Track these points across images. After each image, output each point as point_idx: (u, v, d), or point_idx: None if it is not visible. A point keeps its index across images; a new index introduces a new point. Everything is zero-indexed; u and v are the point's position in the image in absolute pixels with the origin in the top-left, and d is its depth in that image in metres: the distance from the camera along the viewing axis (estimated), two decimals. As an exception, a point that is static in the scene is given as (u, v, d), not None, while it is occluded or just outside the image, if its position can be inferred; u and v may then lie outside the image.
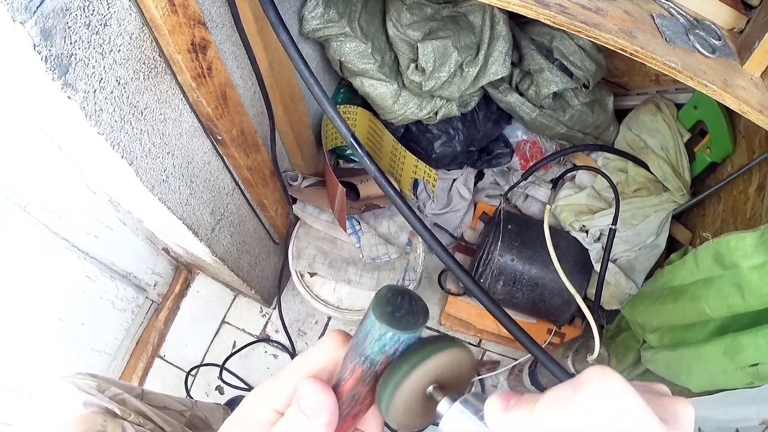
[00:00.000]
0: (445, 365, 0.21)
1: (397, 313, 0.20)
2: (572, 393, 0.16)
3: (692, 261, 0.70)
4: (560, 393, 0.17)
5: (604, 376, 0.16)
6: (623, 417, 0.16)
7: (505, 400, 0.18)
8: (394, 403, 0.20)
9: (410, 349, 0.21)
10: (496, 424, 0.18)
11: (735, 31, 0.56)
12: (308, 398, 0.21)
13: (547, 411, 0.17)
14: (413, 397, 0.21)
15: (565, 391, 0.17)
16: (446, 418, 0.20)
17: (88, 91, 0.44)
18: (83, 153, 0.58)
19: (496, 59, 0.85)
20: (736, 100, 0.50)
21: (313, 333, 1.14)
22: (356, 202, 0.96)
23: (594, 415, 0.16)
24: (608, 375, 0.16)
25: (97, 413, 0.53)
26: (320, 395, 0.21)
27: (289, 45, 0.45)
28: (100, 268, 0.89)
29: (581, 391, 0.16)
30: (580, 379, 0.16)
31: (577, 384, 0.16)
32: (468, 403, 0.20)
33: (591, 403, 0.16)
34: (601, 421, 0.16)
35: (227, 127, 0.63)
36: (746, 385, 0.63)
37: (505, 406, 0.18)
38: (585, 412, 0.16)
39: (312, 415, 0.21)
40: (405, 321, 0.20)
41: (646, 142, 0.99)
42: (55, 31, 0.38)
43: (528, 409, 0.17)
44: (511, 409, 0.18)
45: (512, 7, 0.43)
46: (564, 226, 0.99)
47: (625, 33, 0.47)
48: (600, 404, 0.16)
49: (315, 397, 0.21)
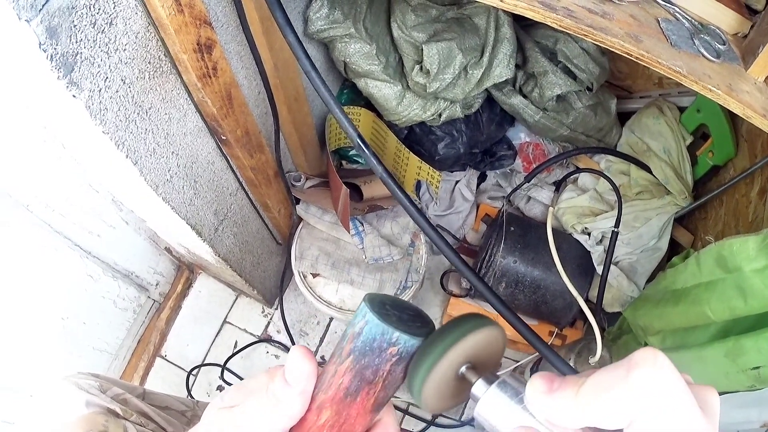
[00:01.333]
0: (480, 344, 0.20)
1: (404, 320, 0.20)
2: (624, 374, 0.16)
3: (694, 264, 0.70)
4: (611, 373, 0.16)
5: (657, 359, 0.16)
6: (673, 402, 0.15)
7: (549, 382, 0.17)
8: (428, 385, 0.19)
9: (444, 329, 0.20)
10: (539, 407, 0.18)
11: (739, 35, 0.56)
12: (291, 361, 0.20)
13: (596, 392, 0.16)
14: (446, 379, 0.20)
15: (617, 371, 0.16)
16: (483, 401, 0.19)
17: (93, 90, 0.44)
18: (87, 152, 0.58)
19: (501, 61, 0.85)
20: (741, 105, 0.50)
21: (315, 333, 1.14)
22: (359, 203, 0.96)
23: (646, 397, 0.15)
24: (661, 359, 0.16)
25: (98, 413, 0.53)
26: (301, 359, 0.20)
27: (296, 46, 0.45)
28: (102, 268, 0.89)
29: (635, 372, 0.16)
30: (633, 359, 0.16)
31: (630, 365, 0.16)
32: (506, 386, 0.19)
33: (643, 385, 0.15)
34: (652, 404, 0.15)
35: (232, 127, 0.63)
36: (748, 388, 0.63)
37: (549, 388, 0.17)
38: (637, 394, 0.15)
39: (291, 380, 0.20)
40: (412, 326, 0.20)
41: (648, 145, 0.99)
42: (60, 29, 0.38)
43: (573, 391, 0.17)
44: (555, 391, 0.17)
45: (519, 10, 0.44)
46: (566, 228, 0.99)
47: (631, 37, 0.47)
48: (652, 387, 0.15)
49: (295, 360, 0.20)
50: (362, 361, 0.20)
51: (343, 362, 0.21)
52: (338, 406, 0.21)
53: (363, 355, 0.20)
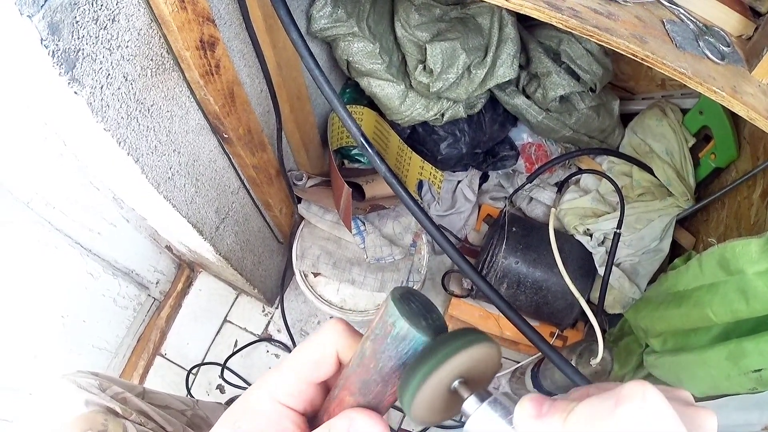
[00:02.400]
0: (474, 360, 0.20)
1: (424, 319, 0.20)
2: (612, 407, 0.16)
3: (697, 266, 0.70)
4: (598, 405, 0.16)
5: (647, 393, 0.16)
6: None
7: (538, 406, 0.17)
8: (419, 398, 0.19)
9: (439, 342, 0.20)
10: (526, 430, 0.18)
11: (743, 37, 0.56)
12: None
13: (583, 422, 0.16)
14: (438, 393, 0.20)
15: (604, 404, 0.16)
16: (474, 418, 0.19)
17: (95, 87, 0.44)
18: (89, 149, 0.57)
19: (504, 62, 0.85)
20: (745, 107, 0.50)
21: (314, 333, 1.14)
22: (361, 202, 0.96)
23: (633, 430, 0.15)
24: (650, 393, 0.16)
25: (98, 412, 0.53)
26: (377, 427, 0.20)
27: (300, 44, 0.45)
28: (103, 266, 0.88)
29: (622, 407, 0.16)
30: (621, 393, 0.16)
31: (619, 398, 0.16)
32: (497, 404, 0.19)
33: (631, 421, 0.15)
34: None
35: (234, 125, 0.63)
36: (749, 390, 0.63)
37: (538, 413, 0.17)
38: (623, 429, 0.15)
39: None
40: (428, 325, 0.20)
41: (651, 147, 0.99)
42: (62, 25, 0.38)
43: (561, 418, 0.17)
44: (543, 416, 0.17)
45: (525, 10, 0.43)
46: (568, 229, 0.99)
47: (636, 38, 0.47)
48: (640, 422, 0.15)
49: None
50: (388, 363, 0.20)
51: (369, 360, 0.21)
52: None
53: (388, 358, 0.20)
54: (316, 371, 0.23)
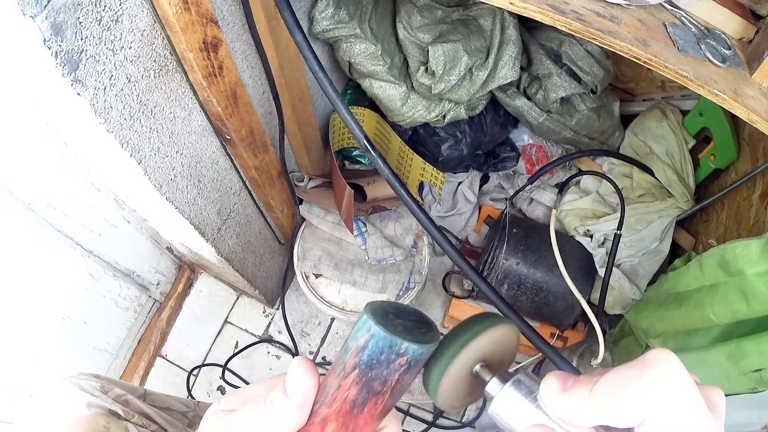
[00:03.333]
0: (494, 343, 0.20)
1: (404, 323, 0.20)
2: (638, 373, 0.16)
3: (697, 267, 0.70)
4: (624, 372, 0.16)
5: (670, 360, 0.16)
6: (684, 402, 0.16)
7: (563, 381, 0.18)
8: (443, 384, 0.19)
9: (458, 328, 0.20)
10: (553, 406, 0.18)
11: (744, 40, 0.56)
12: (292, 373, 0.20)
13: (609, 391, 0.16)
14: (461, 377, 0.20)
15: (630, 371, 0.16)
16: (498, 399, 0.19)
17: (98, 88, 0.44)
18: (91, 150, 0.57)
19: (506, 63, 0.85)
20: (746, 110, 0.50)
21: (316, 334, 1.14)
22: (363, 203, 0.96)
23: (658, 396, 0.16)
24: (673, 359, 0.16)
25: (100, 415, 0.52)
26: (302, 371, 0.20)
27: (304, 45, 0.45)
28: (104, 267, 0.88)
29: (648, 372, 0.16)
30: (645, 360, 0.16)
31: (644, 364, 0.16)
32: (520, 384, 0.19)
33: (656, 385, 0.16)
34: (664, 404, 0.16)
35: (236, 126, 0.63)
36: (749, 390, 0.63)
37: (563, 387, 0.17)
38: (649, 393, 0.16)
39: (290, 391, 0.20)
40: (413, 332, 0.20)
41: (651, 148, 1.00)
42: (66, 26, 0.38)
43: (587, 390, 0.17)
44: (569, 390, 0.17)
45: (528, 12, 0.43)
46: (569, 230, 0.99)
47: (638, 41, 0.47)
48: (664, 387, 0.16)
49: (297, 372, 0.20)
50: (369, 374, 0.20)
51: (348, 376, 0.20)
52: (345, 418, 0.21)
53: (370, 368, 0.20)
54: None
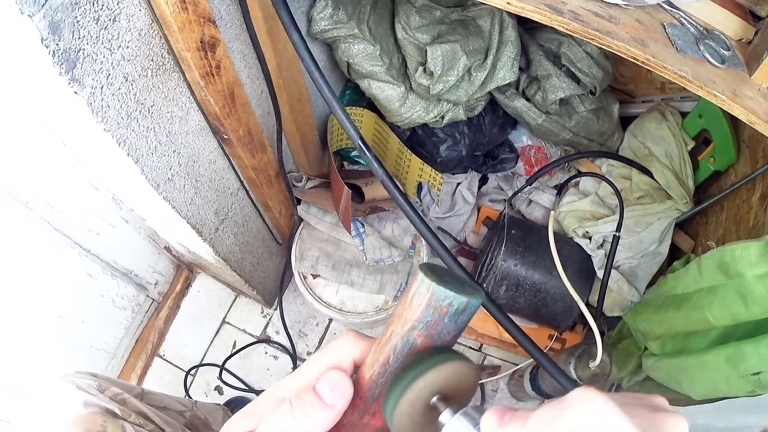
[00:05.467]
0: (448, 377, 0.21)
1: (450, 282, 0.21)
2: (560, 411, 0.18)
3: (696, 269, 0.70)
4: (550, 411, 0.18)
5: (587, 395, 0.18)
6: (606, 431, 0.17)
7: (500, 416, 0.19)
8: (398, 411, 0.21)
9: (414, 360, 0.22)
10: None
11: (743, 41, 0.56)
12: (330, 383, 0.21)
13: (537, 427, 0.18)
14: (417, 407, 0.21)
15: (555, 409, 0.18)
16: (446, 429, 0.21)
17: (96, 87, 0.44)
18: (88, 149, 0.57)
19: (504, 64, 0.85)
20: (745, 111, 0.50)
21: (314, 335, 1.14)
22: (361, 204, 0.96)
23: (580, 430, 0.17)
24: (591, 394, 0.18)
25: (97, 413, 0.52)
26: (343, 383, 0.21)
27: (301, 46, 0.45)
28: (102, 266, 0.88)
29: (568, 410, 0.18)
30: (566, 398, 0.18)
31: (564, 403, 0.18)
32: (467, 415, 0.21)
33: (576, 420, 0.17)
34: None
35: (234, 126, 0.63)
36: (748, 393, 0.63)
37: (500, 421, 0.19)
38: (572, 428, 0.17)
39: (330, 401, 0.21)
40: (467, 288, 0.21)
41: (650, 150, 0.99)
42: (63, 25, 0.38)
43: (520, 425, 0.19)
44: (504, 425, 0.19)
45: (526, 12, 0.43)
46: (567, 232, 0.99)
47: (637, 41, 0.47)
48: (585, 421, 0.17)
49: (337, 384, 0.21)
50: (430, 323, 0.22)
51: None
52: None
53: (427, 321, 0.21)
54: None
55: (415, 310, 0.21)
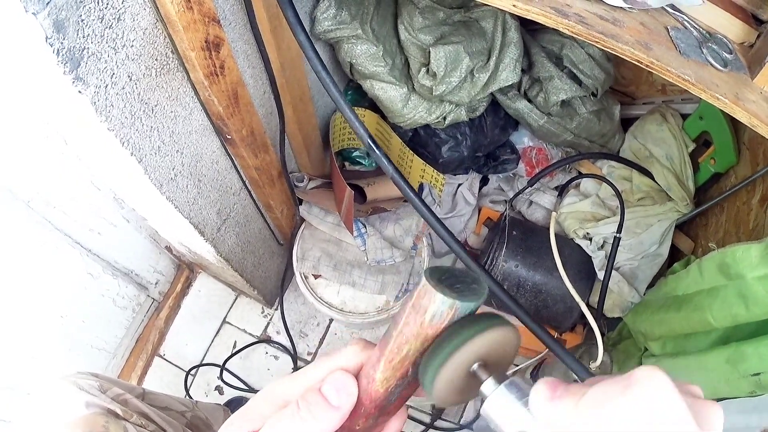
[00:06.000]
0: (493, 343, 0.20)
1: (456, 284, 0.20)
2: (623, 389, 0.16)
3: (696, 271, 0.70)
4: (610, 387, 0.17)
5: (655, 376, 0.16)
6: (669, 419, 0.16)
7: (552, 389, 0.18)
8: (440, 377, 0.20)
9: (459, 325, 0.20)
10: (541, 412, 0.18)
11: (746, 44, 0.56)
12: (336, 384, 0.21)
13: (595, 404, 0.17)
14: (458, 374, 0.20)
15: (616, 386, 0.17)
16: (491, 399, 0.20)
17: (100, 86, 0.43)
18: (91, 149, 0.57)
19: (507, 66, 0.85)
20: (747, 114, 0.50)
21: (315, 335, 1.14)
22: (362, 204, 0.96)
23: (642, 412, 0.16)
24: (660, 376, 0.16)
25: (99, 414, 0.52)
26: (349, 384, 0.21)
27: (307, 45, 0.45)
28: (102, 266, 0.88)
29: (633, 388, 0.16)
30: (632, 376, 0.17)
31: (630, 381, 0.17)
32: (514, 386, 0.20)
33: (641, 401, 0.16)
34: (648, 420, 0.16)
35: (237, 126, 0.63)
36: (748, 394, 0.63)
37: (552, 395, 0.18)
38: (633, 409, 0.16)
39: (336, 402, 0.21)
40: (465, 291, 0.20)
41: (651, 152, 1.00)
42: (68, 23, 0.38)
43: (574, 401, 0.17)
44: (557, 398, 0.18)
45: (532, 15, 0.43)
46: (568, 233, 0.99)
47: (641, 44, 0.47)
48: (649, 403, 0.16)
49: (342, 385, 0.21)
50: None
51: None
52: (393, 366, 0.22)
53: None
54: None
55: (436, 329, 0.20)
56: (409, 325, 0.21)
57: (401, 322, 0.21)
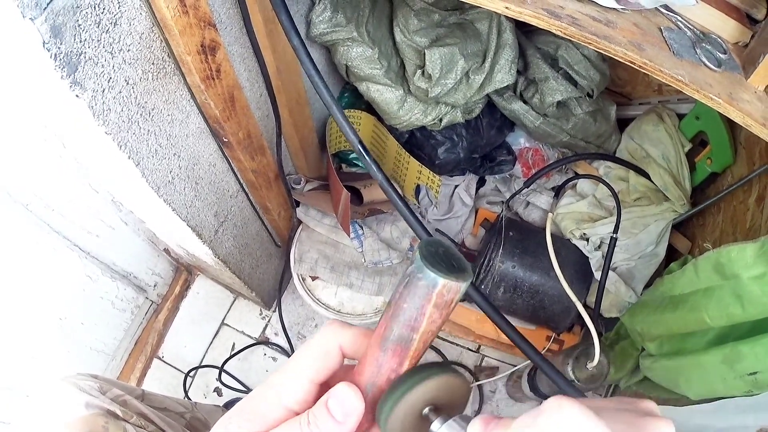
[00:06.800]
0: (440, 389, 0.22)
1: (448, 263, 0.22)
2: (534, 418, 0.19)
3: (692, 271, 0.70)
4: (526, 418, 0.19)
5: (559, 403, 0.19)
6: None
7: (485, 424, 0.21)
8: (391, 421, 0.22)
9: (408, 373, 0.22)
10: None
11: (740, 44, 0.57)
12: (341, 400, 0.22)
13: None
14: (410, 417, 0.22)
15: (530, 416, 0.19)
16: None
17: (97, 91, 0.44)
18: (89, 152, 0.58)
19: (502, 67, 0.86)
20: (741, 114, 0.51)
21: (313, 336, 1.14)
22: (359, 206, 0.96)
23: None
24: (563, 402, 0.18)
25: (98, 415, 0.53)
26: (354, 399, 0.22)
27: (301, 50, 0.45)
28: (101, 268, 0.88)
29: (541, 416, 0.19)
30: (541, 406, 0.19)
31: (538, 410, 0.19)
32: (456, 424, 0.22)
33: (548, 427, 0.18)
34: None
35: (234, 129, 0.63)
36: (745, 393, 0.64)
37: (485, 429, 0.20)
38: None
39: (341, 418, 0.22)
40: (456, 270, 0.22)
41: (647, 152, 1.00)
42: (65, 28, 0.38)
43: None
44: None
45: (524, 17, 0.44)
46: (565, 233, 0.99)
47: (634, 45, 0.47)
48: (556, 428, 0.18)
49: (348, 400, 0.22)
50: (401, 302, 0.22)
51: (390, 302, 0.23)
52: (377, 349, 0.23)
53: (403, 297, 0.22)
54: (321, 369, 0.24)
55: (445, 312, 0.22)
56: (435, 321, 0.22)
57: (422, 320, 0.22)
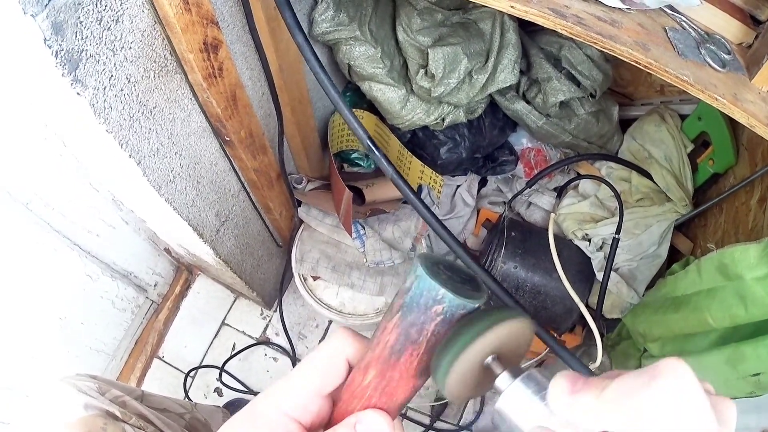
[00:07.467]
0: (508, 336, 0.20)
1: (456, 281, 0.20)
2: (647, 381, 0.16)
3: (695, 271, 0.70)
4: (633, 380, 0.16)
5: (680, 370, 0.16)
6: (692, 413, 0.16)
7: (572, 382, 0.17)
8: (452, 372, 0.19)
9: (473, 318, 0.20)
10: (560, 406, 0.17)
11: (744, 45, 0.57)
12: (370, 428, 0.21)
13: (618, 397, 0.16)
14: (471, 368, 0.20)
15: (639, 379, 0.16)
16: (506, 394, 0.19)
17: (98, 88, 0.43)
18: (90, 151, 0.57)
19: (505, 67, 0.85)
20: (745, 114, 0.51)
21: (314, 336, 1.14)
22: (361, 206, 0.96)
23: (666, 406, 0.16)
24: (684, 369, 0.16)
25: (97, 416, 0.52)
26: (385, 428, 0.21)
27: (305, 47, 0.45)
28: (101, 268, 0.88)
29: (658, 381, 0.16)
30: (657, 369, 0.16)
31: (654, 373, 0.16)
32: (531, 380, 0.19)
33: (665, 395, 0.16)
34: (671, 414, 0.16)
35: (236, 128, 0.63)
36: (747, 394, 0.63)
37: (572, 388, 0.17)
38: (658, 403, 0.16)
39: None
40: (466, 289, 0.20)
41: (649, 152, 1.00)
42: (66, 25, 0.38)
43: (595, 394, 0.17)
44: (577, 392, 0.17)
45: (530, 16, 0.44)
46: (567, 234, 0.99)
47: (639, 45, 0.47)
48: (674, 397, 0.16)
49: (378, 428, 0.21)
50: (408, 318, 0.20)
51: (392, 318, 0.21)
52: (383, 365, 0.21)
53: (410, 311, 0.20)
54: (326, 381, 0.23)
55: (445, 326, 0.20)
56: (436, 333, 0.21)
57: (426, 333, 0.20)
